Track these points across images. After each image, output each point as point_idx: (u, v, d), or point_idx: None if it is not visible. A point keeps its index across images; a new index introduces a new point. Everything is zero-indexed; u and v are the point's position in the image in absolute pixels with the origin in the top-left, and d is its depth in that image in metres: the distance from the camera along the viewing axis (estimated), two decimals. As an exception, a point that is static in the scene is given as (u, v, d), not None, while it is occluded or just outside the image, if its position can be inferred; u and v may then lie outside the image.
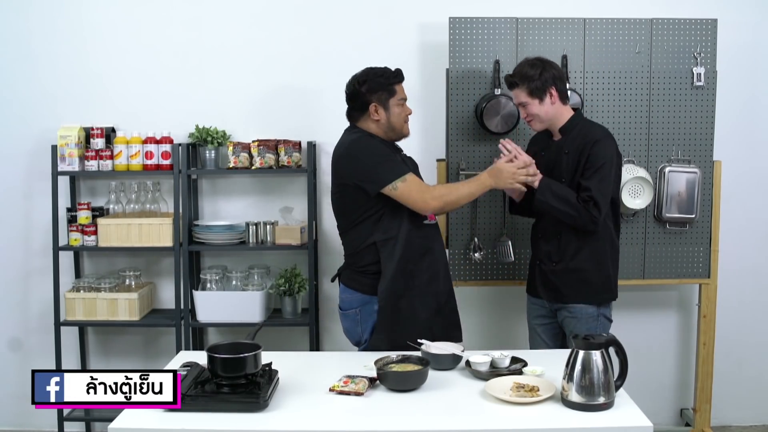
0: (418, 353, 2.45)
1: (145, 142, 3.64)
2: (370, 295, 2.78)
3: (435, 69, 3.66)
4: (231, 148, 3.59)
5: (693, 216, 3.50)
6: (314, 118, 3.75)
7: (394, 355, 2.42)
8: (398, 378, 2.27)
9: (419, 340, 2.53)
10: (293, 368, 2.42)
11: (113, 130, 3.74)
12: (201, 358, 2.26)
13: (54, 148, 3.61)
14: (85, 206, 3.67)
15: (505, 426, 2.04)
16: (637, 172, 3.40)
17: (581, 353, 2.11)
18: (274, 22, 3.77)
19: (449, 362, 2.45)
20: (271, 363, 2.28)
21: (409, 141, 3.00)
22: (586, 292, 2.92)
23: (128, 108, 3.79)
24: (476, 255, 3.52)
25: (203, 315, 3.65)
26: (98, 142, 3.65)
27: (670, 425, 3.95)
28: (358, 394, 2.22)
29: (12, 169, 3.84)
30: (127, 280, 3.76)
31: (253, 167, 3.61)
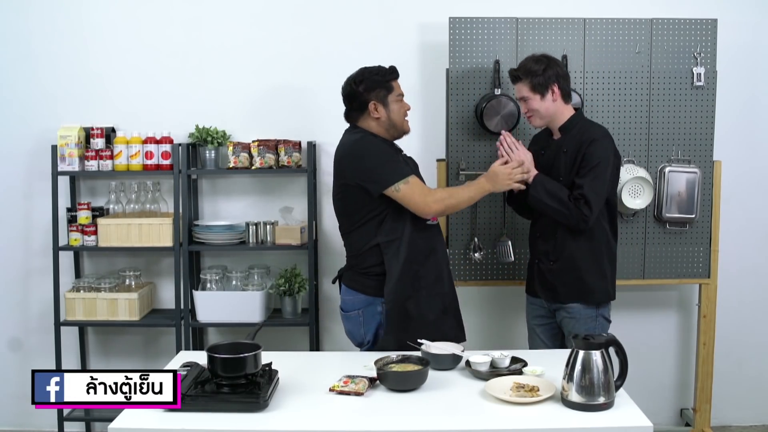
0: (418, 353, 2.45)
1: (145, 142, 3.64)
2: (374, 297, 2.77)
3: (435, 69, 3.65)
4: (231, 148, 3.59)
5: (693, 216, 3.50)
6: (314, 118, 3.75)
7: (394, 355, 2.42)
8: (398, 378, 2.27)
9: (419, 340, 2.53)
10: (293, 368, 2.42)
11: (113, 130, 3.74)
12: (201, 358, 2.26)
13: (54, 148, 3.61)
14: (85, 206, 3.67)
15: (505, 426, 2.04)
16: (637, 172, 3.40)
17: (581, 353, 2.11)
18: (273, 22, 3.77)
19: (449, 362, 2.45)
20: (271, 363, 2.28)
21: (409, 141, 3.01)
22: (583, 292, 2.92)
23: (128, 108, 3.79)
24: (476, 255, 3.52)
25: (203, 315, 3.65)
26: (98, 142, 3.65)
27: (670, 425, 3.95)
28: (358, 394, 2.22)
29: (12, 169, 3.84)
30: (127, 280, 3.76)
31: (253, 167, 3.61)
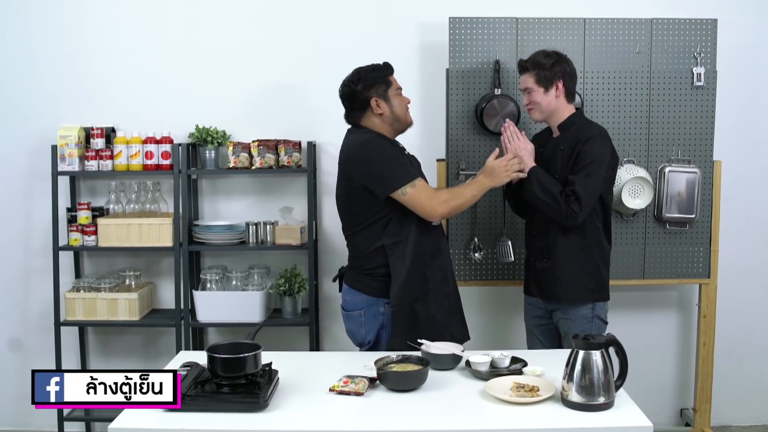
0: (418, 353, 2.45)
1: (145, 142, 3.64)
2: (377, 297, 2.77)
3: (435, 69, 3.65)
4: (231, 148, 3.59)
5: (693, 216, 3.50)
6: (314, 118, 3.75)
7: (394, 355, 2.41)
8: (398, 378, 2.27)
9: (419, 340, 2.53)
10: (293, 368, 2.42)
11: (113, 130, 3.74)
12: (201, 358, 2.26)
13: (54, 148, 3.61)
14: (85, 206, 3.67)
15: (505, 426, 2.04)
16: (637, 172, 3.40)
17: (581, 353, 2.11)
18: (273, 22, 3.77)
19: (449, 362, 2.45)
20: (271, 363, 2.28)
21: (410, 141, 3.00)
22: (574, 290, 2.92)
23: (128, 108, 3.79)
24: (476, 255, 3.52)
25: (203, 315, 3.65)
26: (98, 142, 3.65)
27: (670, 425, 3.95)
28: (358, 394, 2.21)
29: (12, 169, 3.84)
30: (127, 280, 3.76)
31: (253, 167, 3.61)
